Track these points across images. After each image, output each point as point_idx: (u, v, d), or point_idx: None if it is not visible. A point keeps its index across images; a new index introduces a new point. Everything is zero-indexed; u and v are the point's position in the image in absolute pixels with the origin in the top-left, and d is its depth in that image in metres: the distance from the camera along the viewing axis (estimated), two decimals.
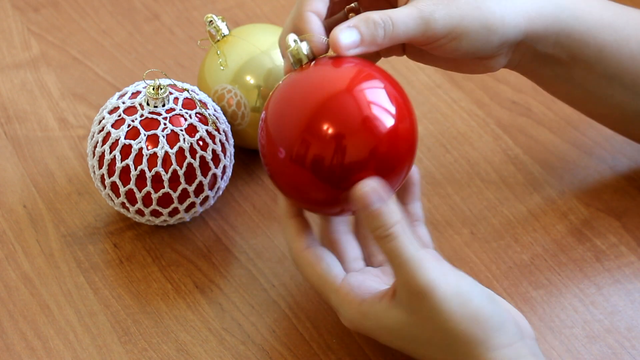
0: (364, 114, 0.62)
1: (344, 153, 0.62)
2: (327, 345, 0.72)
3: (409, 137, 0.65)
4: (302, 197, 0.66)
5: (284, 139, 0.63)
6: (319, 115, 0.62)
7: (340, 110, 0.62)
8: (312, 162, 0.63)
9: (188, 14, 0.97)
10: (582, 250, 0.78)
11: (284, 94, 0.65)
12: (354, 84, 0.63)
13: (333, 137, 0.62)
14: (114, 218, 0.79)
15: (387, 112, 0.63)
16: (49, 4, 0.98)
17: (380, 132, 0.63)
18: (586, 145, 0.86)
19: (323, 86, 0.63)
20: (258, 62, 0.79)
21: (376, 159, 0.63)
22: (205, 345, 0.72)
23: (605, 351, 0.72)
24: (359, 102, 0.62)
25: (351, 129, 0.62)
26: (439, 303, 0.62)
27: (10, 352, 0.71)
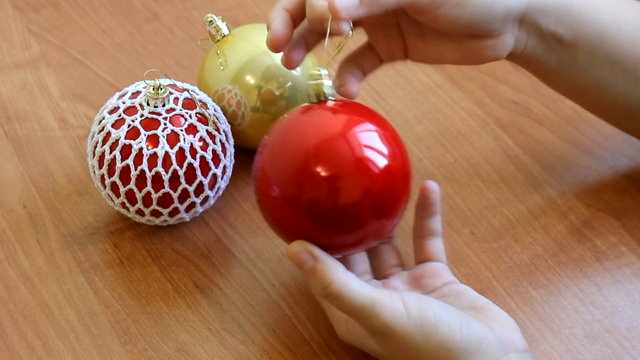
0: (356, 155, 0.62)
1: (337, 195, 0.62)
2: (327, 345, 0.72)
3: (402, 176, 0.65)
4: (296, 237, 0.65)
5: (279, 178, 0.64)
6: (312, 157, 0.62)
7: (333, 152, 0.62)
8: (306, 203, 0.63)
9: (188, 14, 0.97)
10: (582, 250, 0.78)
11: (280, 135, 0.65)
12: (347, 128, 0.63)
13: (326, 179, 0.62)
14: (114, 218, 0.79)
15: (380, 153, 0.63)
16: (49, 4, 0.98)
17: (372, 172, 0.63)
18: (586, 145, 0.86)
19: (318, 129, 0.63)
20: (258, 62, 0.79)
21: (370, 199, 0.63)
22: (205, 345, 0.72)
23: (605, 351, 0.72)
24: (351, 145, 0.62)
25: (344, 171, 0.62)
26: (402, 340, 0.63)
27: (10, 352, 0.71)
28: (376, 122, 0.65)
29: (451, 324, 0.64)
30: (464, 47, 0.72)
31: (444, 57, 0.73)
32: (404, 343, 0.63)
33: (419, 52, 0.73)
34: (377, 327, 0.63)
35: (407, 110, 0.89)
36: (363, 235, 0.64)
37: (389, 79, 0.91)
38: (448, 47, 0.72)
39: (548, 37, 0.74)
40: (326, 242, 0.64)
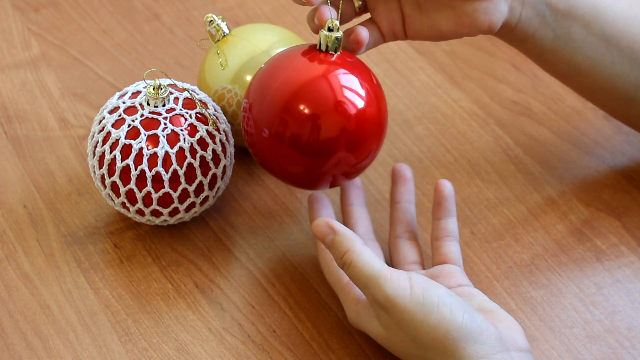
0: (336, 97, 0.69)
1: (319, 130, 0.69)
2: (327, 345, 0.72)
3: (375, 121, 0.70)
4: (284, 170, 0.71)
5: (267, 119, 0.70)
6: (297, 97, 0.69)
7: (316, 93, 0.69)
8: (290, 138, 0.69)
9: (188, 14, 0.97)
10: (582, 250, 0.78)
11: (268, 75, 0.71)
12: (329, 71, 0.69)
13: (309, 116, 0.69)
14: (114, 218, 0.79)
15: (358, 96, 0.70)
16: (49, 4, 0.98)
17: (349, 114, 0.69)
18: (586, 145, 0.86)
19: (303, 72, 0.70)
20: (258, 61, 0.79)
21: (345, 136, 0.69)
22: (205, 345, 0.72)
23: (606, 351, 0.72)
24: (332, 87, 0.69)
25: (325, 110, 0.69)
26: (401, 314, 0.65)
27: (10, 352, 0.71)
28: (360, 72, 0.70)
29: (453, 307, 0.65)
30: (458, 12, 0.73)
31: (439, 26, 0.74)
32: (403, 318, 0.65)
33: (416, 23, 0.74)
34: (380, 299, 0.66)
35: (407, 110, 0.89)
36: (335, 165, 0.70)
37: (389, 79, 0.91)
38: (443, 15, 0.73)
39: (542, 7, 0.74)
40: (307, 168, 0.70)
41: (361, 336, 0.72)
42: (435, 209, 0.75)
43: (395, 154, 0.85)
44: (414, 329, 0.65)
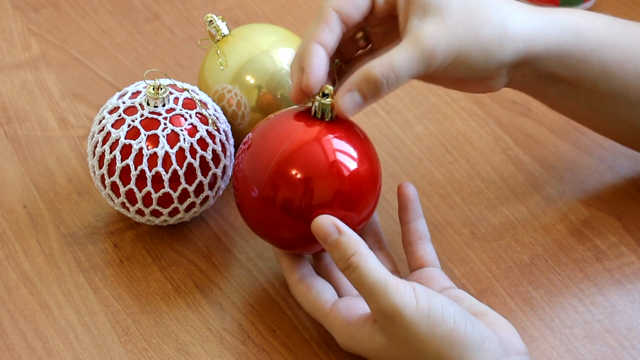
0: (329, 160, 0.67)
1: (311, 194, 0.67)
2: (327, 345, 0.72)
3: (370, 179, 0.69)
4: (274, 235, 0.70)
5: (257, 180, 0.68)
6: (288, 161, 0.67)
7: (308, 156, 0.67)
8: (281, 202, 0.68)
9: (188, 14, 0.97)
10: (582, 250, 0.78)
11: (258, 139, 0.70)
12: (322, 135, 0.68)
13: (302, 180, 0.67)
14: (114, 218, 0.79)
15: (350, 157, 0.68)
16: (49, 4, 0.98)
17: (343, 175, 0.67)
18: (586, 145, 0.86)
19: (293, 136, 0.68)
20: (258, 62, 0.79)
21: (340, 198, 0.68)
22: (205, 345, 0.72)
23: (606, 351, 0.72)
24: (325, 150, 0.68)
25: (317, 173, 0.67)
26: (408, 325, 0.64)
27: (10, 352, 0.71)
28: (349, 132, 0.69)
29: (457, 317, 0.64)
30: (458, 83, 0.73)
31: (439, 84, 0.74)
32: (409, 330, 0.64)
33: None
34: (386, 309, 0.64)
35: (407, 110, 0.89)
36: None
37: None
38: (442, 82, 0.74)
39: (547, 77, 0.74)
40: (301, 235, 0.69)
41: None
42: (401, 213, 0.73)
43: (395, 154, 0.85)
44: (419, 341, 0.64)
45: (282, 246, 0.71)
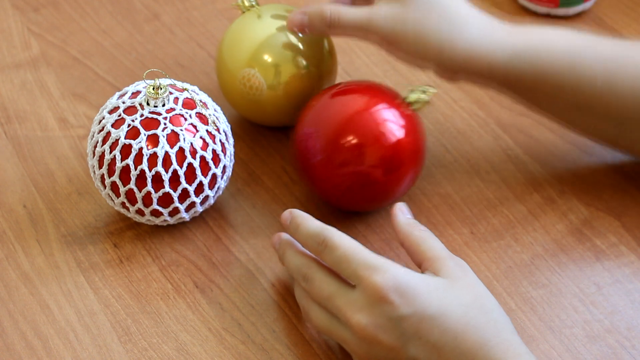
0: (378, 129, 0.76)
1: (363, 158, 0.76)
2: (327, 345, 0.72)
3: (413, 149, 0.77)
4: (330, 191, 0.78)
5: (321, 148, 0.76)
6: (345, 129, 0.76)
7: (359, 126, 0.76)
8: (339, 163, 0.76)
9: (188, 14, 0.97)
10: (582, 250, 0.78)
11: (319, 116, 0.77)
12: (370, 106, 0.77)
13: (355, 145, 0.76)
14: (114, 218, 0.79)
15: (397, 126, 0.76)
16: (49, 4, 0.98)
17: (388, 144, 0.76)
18: (586, 145, 0.86)
19: (348, 107, 0.77)
20: (277, 39, 0.81)
21: (384, 164, 0.76)
22: (205, 345, 0.72)
23: (605, 351, 0.72)
24: (375, 120, 0.76)
25: (368, 140, 0.76)
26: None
27: (10, 352, 0.71)
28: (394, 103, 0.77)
29: None
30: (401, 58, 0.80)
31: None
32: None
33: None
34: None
35: None
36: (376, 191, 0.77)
37: (389, 79, 0.91)
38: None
39: (503, 84, 0.79)
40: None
41: None
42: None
43: None
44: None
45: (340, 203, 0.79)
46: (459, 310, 0.65)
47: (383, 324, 0.65)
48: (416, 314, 0.64)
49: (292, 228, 0.71)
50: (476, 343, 0.64)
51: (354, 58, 0.93)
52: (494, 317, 0.66)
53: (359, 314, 0.65)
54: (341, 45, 0.94)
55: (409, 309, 0.64)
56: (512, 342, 0.65)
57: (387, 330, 0.65)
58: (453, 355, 0.64)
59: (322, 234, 0.68)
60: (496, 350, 0.64)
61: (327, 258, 0.67)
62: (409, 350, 0.65)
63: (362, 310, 0.65)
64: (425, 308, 0.64)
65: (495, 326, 0.65)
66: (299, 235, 0.70)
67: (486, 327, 0.65)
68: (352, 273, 0.66)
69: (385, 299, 0.64)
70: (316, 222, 0.70)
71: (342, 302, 0.66)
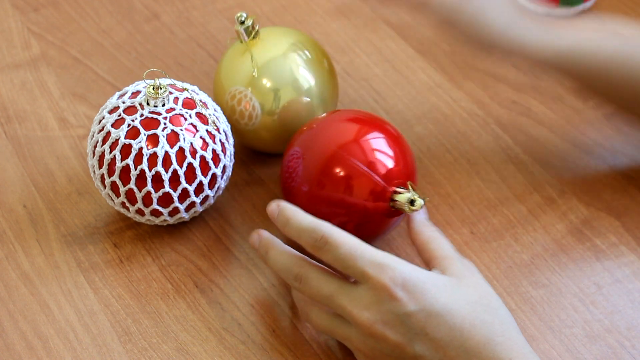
0: (368, 159, 0.73)
1: (351, 190, 0.73)
2: (327, 345, 0.72)
3: (404, 175, 0.74)
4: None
5: (308, 178, 0.74)
6: (332, 161, 0.73)
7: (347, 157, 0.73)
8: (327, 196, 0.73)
9: (188, 14, 0.97)
10: (582, 250, 0.78)
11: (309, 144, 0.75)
12: (360, 136, 0.74)
13: (342, 178, 0.73)
14: (114, 218, 0.79)
15: (386, 157, 0.73)
16: (49, 4, 0.98)
17: (379, 173, 0.72)
18: (586, 145, 0.86)
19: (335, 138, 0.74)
20: (277, 65, 0.79)
21: (374, 195, 0.73)
22: (205, 345, 0.72)
23: (605, 351, 0.72)
24: (364, 150, 0.73)
25: (357, 172, 0.73)
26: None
27: (10, 351, 0.71)
28: (383, 130, 0.75)
29: None
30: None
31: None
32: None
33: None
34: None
35: (407, 110, 0.89)
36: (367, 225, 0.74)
37: (389, 79, 0.91)
38: None
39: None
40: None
41: None
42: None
43: None
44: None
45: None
46: (465, 307, 0.65)
47: (390, 320, 0.65)
48: (423, 311, 0.64)
49: (280, 221, 0.70)
50: (482, 340, 0.64)
51: (354, 58, 0.93)
52: (500, 315, 0.66)
53: (365, 312, 0.65)
54: (341, 45, 0.94)
55: (416, 305, 0.65)
56: (516, 341, 0.65)
57: (394, 327, 0.65)
58: (458, 353, 0.64)
59: (320, 230, 0.67)
60: (501, 348, 0.64)
61: (328, 256, 0.67)
62: (414, 346, 0.65)
63: (369, 308, 0.65)
64: (432, 305, 0.65)
65: (500, 325, 0.65)
66: (289, 229, 0.69)
67: (492, 325, 0.65)
68: (358, 271, 0.66)
69: (393, 296, 0.64)
70: (307, 216, 0.69)
71: (346, 300, 0.66)
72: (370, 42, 0.94)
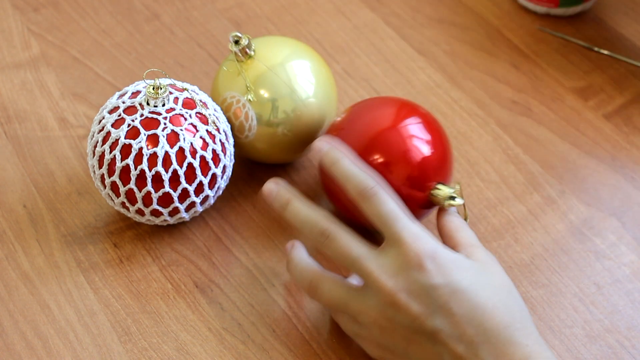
0: (405, 146, 0.74)
1: (391, 174, 0.74)
2: (327, 345, 0.72)
3: (439, 161, 0.75)
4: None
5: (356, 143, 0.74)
6: (370, 147, 0.74)
7: (385, 143, 0.74)
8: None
9: (188, 14, 0.97)
10: (582, 250, 0.78)
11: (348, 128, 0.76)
12: (397, 122, 0.75)
13: (381, 164, 0.73)
14: (114, 218, 0.79)
15: (424, 142, 0.74)
16: (49, 4, 0.98)
17: (415, 160, 0.74)
18: (586, 145, 0.86)
19: (375, 124, 0.75)
20: (273, 76, 0.78)
21: (411, 181, 0.74)
22: (205, 345, 0.72)
23: (606, 351, 0.72)
24: (402, 136, 0.74)
25: (394, 158, 0.73)
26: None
27: (10, 351, 0.71)
28: (421, 116, 0.76)
29: None
30: None
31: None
32: None
33: None
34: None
35: None
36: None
37: (389, 79, 0.91)
38: None
39: None
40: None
41: None
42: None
43: None
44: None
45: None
46: (489, 289, 0.66)
47: (415, 290, 0.66)
48: (449, 286, 0.65)
49: (329, 158, 0.71)
50: (502, 323, 0.65)
51: (354, 58, 0.93)
52: (520, 304, 0.67)
53: (392, 279, 0.66)
54: (341, 45, 0.94)
55: (443, 279, 0.65)
56: (533, 331, 0.66)
57: (418, 297, 0.66)
58: (477, 332, 0.65)
59: (372, 181, 0.69)
60: (519, 334, 0.65)
61: (372, 207, 0.68)
62: (435, 320, 0.65)
63: (396, 275, 0.66)
64: (459, 281, 0.66)
65: (520, 312, 0.66)
66: (337, 168, 0.70)
67: (513, 310, 0.66)
68: (394, 232, 0.67)
69: (422, 265, 0.66)
70: (357, 164, 0.70)
71: (374, 265, 0.67)
72: (370, 42, 0.94)
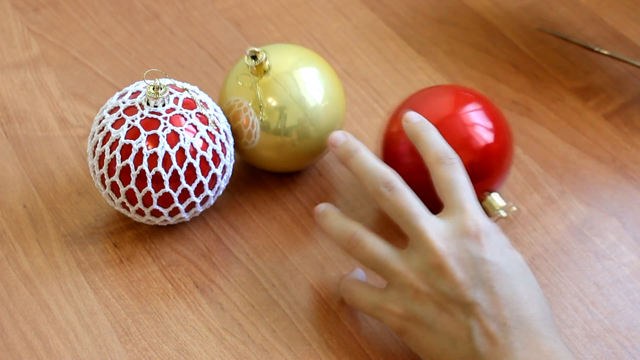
0: (466, 133, 0.74)
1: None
2: (327, 345, 0.72)
3: (500, 149, 0.75)
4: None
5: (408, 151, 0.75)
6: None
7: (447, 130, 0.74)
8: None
9: (188, 14, 0.97)
10: (582, 250, 0.78)
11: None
12: (458, 109, 0.75)
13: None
14: (114, 218, 0.79)
15: (486, 130, 0.75)
16: (49, 4, 0.98)
17: (477, 148, 0.74)
18: (586, 145, 0.86)
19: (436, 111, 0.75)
20: (282, 85, 0.78)
21: (472, 169, 0.73)
22: (205, 345, 0.72)
23: (606, 351, 0.72)
24: (464, 123, 0.75)
25: (454, 147, 0.72)
26: None
27: (10, 351, 0.71)
28: (483, 104, 0.76)
29: None
30: None
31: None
32: None
33: None
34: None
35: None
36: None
37: (389, 78, 0.91)
38: None
39: None
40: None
41: (361, 336, 0.72)
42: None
43: None
44: None
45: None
46: (528, 284, 0.67)
47: (464, 258, 0.67)
48: (497, 265, 0.66)
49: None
50: (535, 316, 0.66)
51: (354, 58, 0.93)
52: (549, 308, 0.67)
53: (445, 242, 0.67)
54: (341, 45, 0.94)
55: (493, 257, 0.67)
56: (557, 332, 0.67)
57: (465, 266, 0.66)
58: (512, 316, 0.65)
59: (447, 149, 0.70)
60: (550, 331, 0.66)
61: (445, 173, 0.70)
62: (475, 292, 0.66)
63: (450, 239, 0.67)
64: (507, 265, 0.67)
65: (550, 315, 0.67)
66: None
67: (547, 310, 0.67)
68: (460, 200, 0.69)
69: (478, 237, 0.67)
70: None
71: (428, 225, 0.68)
72: (370, 42, 0.94)
